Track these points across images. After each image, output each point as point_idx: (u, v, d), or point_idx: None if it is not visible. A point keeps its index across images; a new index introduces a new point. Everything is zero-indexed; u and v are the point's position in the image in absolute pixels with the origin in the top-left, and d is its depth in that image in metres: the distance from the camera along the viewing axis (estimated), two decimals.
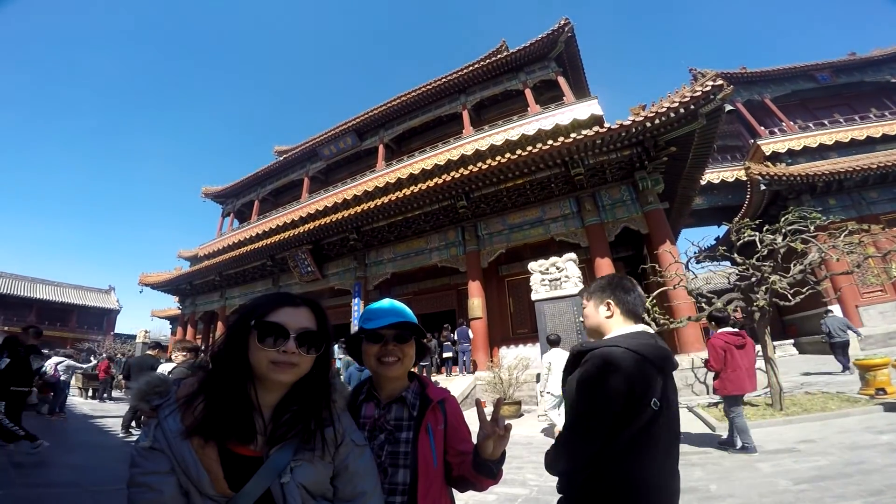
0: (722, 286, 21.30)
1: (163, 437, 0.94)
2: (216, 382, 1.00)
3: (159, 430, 0.95)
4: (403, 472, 1.20)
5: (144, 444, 0.94)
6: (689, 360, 9.69)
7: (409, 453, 1.21)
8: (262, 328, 1.01)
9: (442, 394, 1.36)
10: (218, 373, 1.02)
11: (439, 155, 17.50)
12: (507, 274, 15.76)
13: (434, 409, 1.29)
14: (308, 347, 1.04)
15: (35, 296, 36.68)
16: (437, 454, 1.23)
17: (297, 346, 1.02)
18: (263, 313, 1.04)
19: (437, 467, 1.23)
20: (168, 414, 0.97)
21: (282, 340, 1.01)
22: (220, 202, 27.78)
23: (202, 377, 1.04)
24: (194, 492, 0.91)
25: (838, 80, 21.50)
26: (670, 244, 11.06)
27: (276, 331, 1.01)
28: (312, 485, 1.01)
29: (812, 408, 6.51)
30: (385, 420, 1.27)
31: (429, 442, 1.23)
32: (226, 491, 0.92)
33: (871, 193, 16.72)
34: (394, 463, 1.21)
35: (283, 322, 1.02)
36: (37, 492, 4.38)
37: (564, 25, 16.66)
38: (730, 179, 23.07)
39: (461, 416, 1.37)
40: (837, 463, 4.25)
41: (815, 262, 7.48)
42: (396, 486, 1.19)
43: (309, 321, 1.08)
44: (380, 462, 1.20)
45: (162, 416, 0.97)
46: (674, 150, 11.53)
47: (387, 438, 1.24)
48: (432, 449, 1.23)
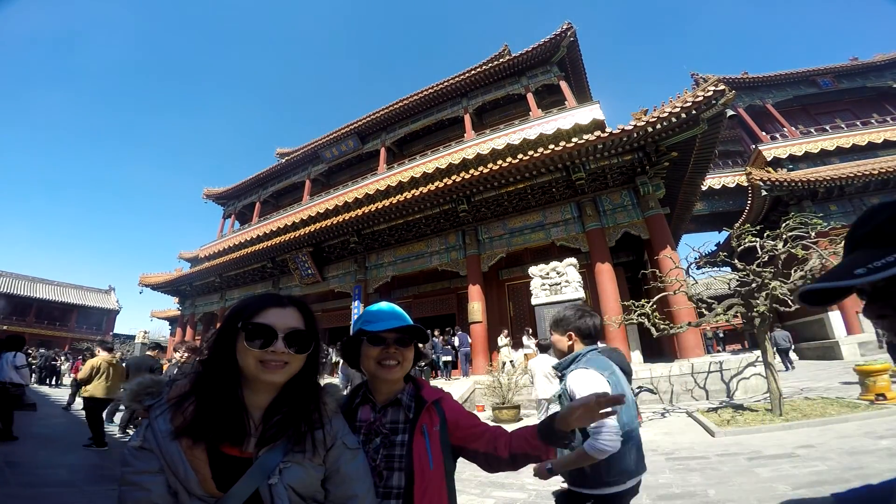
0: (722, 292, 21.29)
1: (153, 437, 0.95)
2: (206, 384, 1.01)
3: (150, 430, 0.96)
4: (398, 476, 1.18)
5: (135, 444, 0.95)
6: (689, 364, 9.65)
7: (403, 456, 1.20)
8: (249, 329, 1.01)
9: (437, 394, 1.34)
10: (208, 375, 1.02)
11: (441, 158, 17.53)
12: (507, 278, 15.76)
13: (429, 409, 1.28)
14: (297, 347, 1.04)
15: (35, 295, 36.67)
16: (433, 456, 1.22)
17: (286, 346, 1.02)
18: (251, 315, 1.04)
19: (434, 469, 1.21)
20: (159, 414, 0.98)
21: (270, 341, 1.01)
22: (221, 204, 27.83)
23: (193, 379, 1.04)
24: (182, 491, 0.92)
25: (840, 85, 21.53)
26: (671, 249, 11.04)
27: (264, 332, 1.01)
28: (301, 487, 1.01)
29: (812, 413, 6.48)
30: (381, 423, 1.26)
31: (424, 444, 1.22)
32: (214, 491, 0.92)
33: (872, 199, 16.70)
34: (389, 466, 1.20)
35: (271, 323, 1.03)
36: (32, 491, 4.38)
37: (567, 30, 16.71)
38: (731, 185, 23.08)
39: (460, 408, 1.36)
40: (836, 468, 4.22)
41: (816, 269, 7.46)
42: (391, 489, 1.18)
43: (297, 321, 1.08)
44: (375, 466, 1.19)
45: (153, 416, 0.98)
46: (675, 155, 11.54)
47: (382, 442, 1.23)
48: (428, 451, 1.21)
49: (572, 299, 10.31)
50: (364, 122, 21.18)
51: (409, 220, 14.97)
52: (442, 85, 19.22)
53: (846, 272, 0.55)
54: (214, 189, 27.48)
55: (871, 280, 0.53)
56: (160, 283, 23.94)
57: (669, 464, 5.07)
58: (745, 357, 9.98)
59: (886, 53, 21.56)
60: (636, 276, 14.89)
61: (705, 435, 6.38)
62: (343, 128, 22.35)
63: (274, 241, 17.51)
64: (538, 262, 11.58)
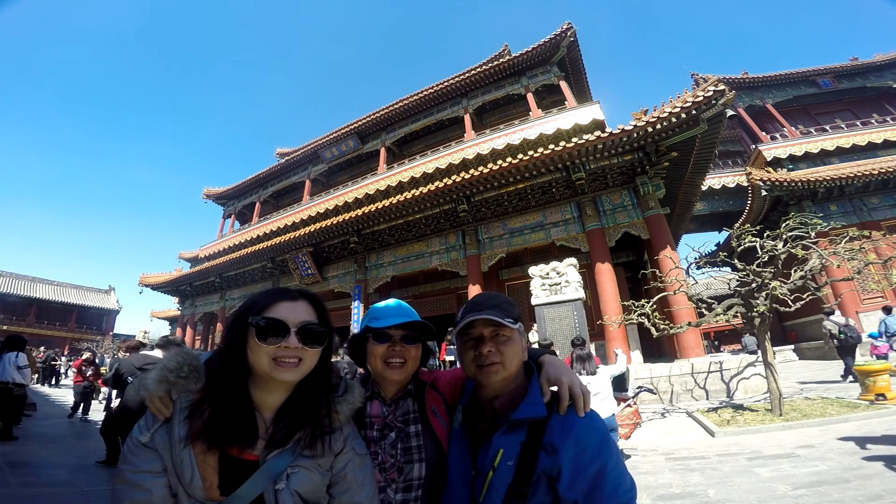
0: (722, 292, 21.28)
1: (166, 437, 0.90)
2: (218, 386, 0.96)
3: (164, 430, 0.91)
4: (419, 467, 1.17)
5: (142, 440, 0.90)
6: (689, 364, 9.65)
7: (422, 446, 1.19)
8: (260, 326, 0.96)
9: (431, 375, 1.35)
10: (219, 376, 0.97)
11: (441, 158, 17.52)
12: (507, 278, 15.77)
13: (430, 391, 1.29)
14: (311, 342, 1.00)
15: (35, 295, 36.67)
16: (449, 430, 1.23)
17: (300, 342, 0.97)
18: (260, 310, 0.99)
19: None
20: (184, 418, 0.92)
21: (283, 336, 0.96)
22: (221, 204, 27.83)
23: (204, 384, 0.99)
24: (183, 494, 0.88)
25: (840, 85, 21.52)
26: (671, 249, 11.03)
27: (276, 327, 0.96)
28: (308, 492, 0.97)
29: (812, 413, 6.49)
30: (394, 417, 1.24)
31: (440, 423, 1.22)
32: (216, 496, 0.89)
33: (872, 199, 16.72)
34: (409, 460, 1.18)
35: (283, 317, 0.98)
36: (31, 491, 4.38)
37: (567, 30, 16.71)
38: (731, 185, 23.06)
39: (449, 376, 1.37)
40: (836, 468, 4.22)
41: (816, 269, 7.47)
42: (412, 482, 1.16)
43: (309, 314, 1.03)
44: (395, 461, 1.17)
45: (178, 417, 0.93)
46: (675, 155, 11.54)
47: (398, 436, 1.21)
48: (444, 427, 1.22)
49: (572, 299, 10.32)
50: (364, 122, 21.17)
51: (409, 220, 14.96)
52: (442, 85, 19.22)
53: None
54: (214, 189, 27.48)
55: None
56: (160, 283, 23.94)
57: (669, 464, 5.07)
58: (745, 357, 10.00)
59: (886, 53, 21.54)
60: (636, 276, 14.91)
61: (705, 435, 6.38)
62: (343, 128, 22.35)
63: (274, 241, 17.51)
64: (538, 262, 11.58)
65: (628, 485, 0.97)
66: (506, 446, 1.03)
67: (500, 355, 1.10)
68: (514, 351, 1.12)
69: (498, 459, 1.02)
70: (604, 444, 0.99)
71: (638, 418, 5.98)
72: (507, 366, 1.10)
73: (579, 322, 10.03)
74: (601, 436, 1.01)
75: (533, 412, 1.04)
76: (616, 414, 4.99)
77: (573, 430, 1.01)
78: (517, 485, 0.98)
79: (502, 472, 1.01)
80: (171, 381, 0.95)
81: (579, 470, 0.95)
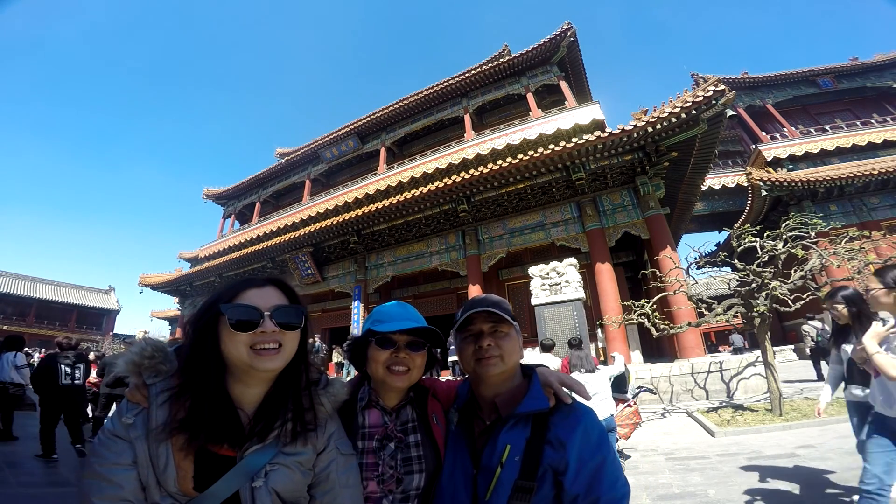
0: (722, 292, 21.27)
1: (142, 426, 0.86)
2: (195, 382, 0.91)
3: (141, 418, 0.87)
4: (419, 477, 1.13)
5: (112, 430, 0.86)
6: (689, 364, 9.65)
7: (421, 456, 1.15)
8: (232, 313, 0.92)
9: (430, 382, 1.32)
10: (194, 371, 0.92)
11: (441, 158, 17.52)
12: (507, 278, 15.77)
13: (431, 399, 1.26)
14: (287, 324, 0.96)
15: (34, 295, 36.65)
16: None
17: (276, 325, 0.94)
18: (229, 299, 0.95)
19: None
20: (162, 402, 0.88)
21: (257, 322, 0.92)
22: (221, 204, 27.82)
23: (178, 369, 0.95)
24: (154, 486, 0.84)
25: (840, 85, 21.54)
26: (671, 249, 11.03)
27: (249, 312, 0.92)
28: (287, 492, 0.93)
29: (811, 413, 6.47)
30: (395, 428, 1.18)
31: (441, 432, 1.20)
32: (189, 490, 0.85)
33: (872, 199, 16.74)
34: (409, 470, 1.13)
35: (254, 303, 0.94)
36: (31, 491, 4.38)
37: (567, 30, 16.70)
38: (731, 185, 23.06)
39: (447, 386, 1.34)
40: (836, 468, 4.22)
41: (816, 269, 7.46)
42: (409, 492, 1.12)
43: (279, 298, 0.99)
44: (393, 472, 1.12)
45: (155, 401, 0.88)
46: (675, 155, 11.54)
47: (397, 446, 1.16)
48: (443, 432, 1.20)
49: (572, 299, 10.32)
50: (364, 122, 21.17)
51: (409, 220, 14.97)
52: (442, 85, 19.22)
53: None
54: (214, 189, 27.47)
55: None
56: (160, 283, 23.93)
57: (669, 464, 5.07)
58: (745, 357, 9.99)
59: (886, 53, 21.56)
60: (636, 276, 14.90)
61: (705, 435, 6.38)
62: (343, 128, 22.34)
63: (274, 241, 17.51)
64: (538, 262, 11.57)
65: (624, 479, 1.02)
66: (512, 442, 1.05)
67: (498, 349, 1.13)
68: (512, 346, 1.15)
69: (506, 455, 1.04)
70: (604, 439, 1.05)
71: (638, 418, 5.97)
72: (506, 360, 1.13)
73: (579, 322, 10.03)
74: (602, 431, 1.06)
75: (537, 405, 1.07)
76: (615, 415, 4.99)
77: (580, 425, 1.05)
78: (523, 479, 1.00)
79: (510, 467, 1.03)
80: (137, 361, 0.93)
81: (582, 463, 1.00)
